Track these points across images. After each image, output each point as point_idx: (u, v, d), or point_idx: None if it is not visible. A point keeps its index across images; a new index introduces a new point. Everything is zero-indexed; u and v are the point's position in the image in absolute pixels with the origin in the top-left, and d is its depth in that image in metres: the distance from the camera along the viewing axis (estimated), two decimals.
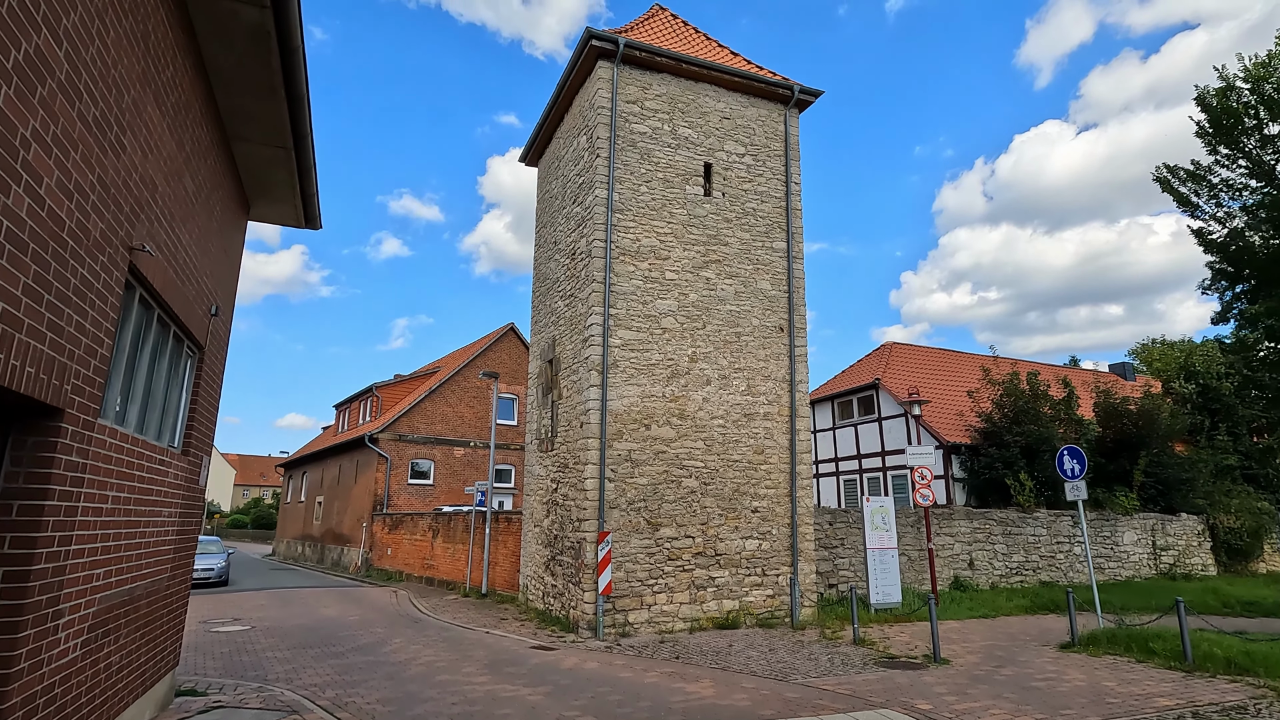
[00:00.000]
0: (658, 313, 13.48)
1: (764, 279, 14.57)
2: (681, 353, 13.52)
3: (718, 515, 13.23)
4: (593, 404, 12.62)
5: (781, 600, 13.42)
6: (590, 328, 12.97)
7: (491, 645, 11.18)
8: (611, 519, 12.37)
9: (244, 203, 8.35)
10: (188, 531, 7.11)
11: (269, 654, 10.42)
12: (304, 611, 15.49)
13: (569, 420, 13.76)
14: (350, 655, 10.31)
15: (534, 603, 14.85)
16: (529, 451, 16.48)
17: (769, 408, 14.10)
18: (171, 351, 6.31)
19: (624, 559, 12.35)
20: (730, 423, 13.68)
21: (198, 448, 7.18)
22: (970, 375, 26.15)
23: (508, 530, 17.40)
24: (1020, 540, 18.54)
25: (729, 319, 14.08)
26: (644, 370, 13.15)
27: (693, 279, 13.90)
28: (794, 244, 14.93)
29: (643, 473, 12.79)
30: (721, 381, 13.76)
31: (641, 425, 12.95)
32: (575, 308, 13.92)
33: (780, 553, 13.63)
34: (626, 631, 12.05)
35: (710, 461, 13.37)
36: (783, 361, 14.41)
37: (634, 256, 13.49)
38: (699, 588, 12.82)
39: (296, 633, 12.44)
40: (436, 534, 21.31)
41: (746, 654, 10.50)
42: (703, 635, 12.09)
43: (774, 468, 13.91)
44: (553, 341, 15.23)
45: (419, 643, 11.38)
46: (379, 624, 13.55)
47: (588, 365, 12.89)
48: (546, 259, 16.42)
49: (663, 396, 13.21)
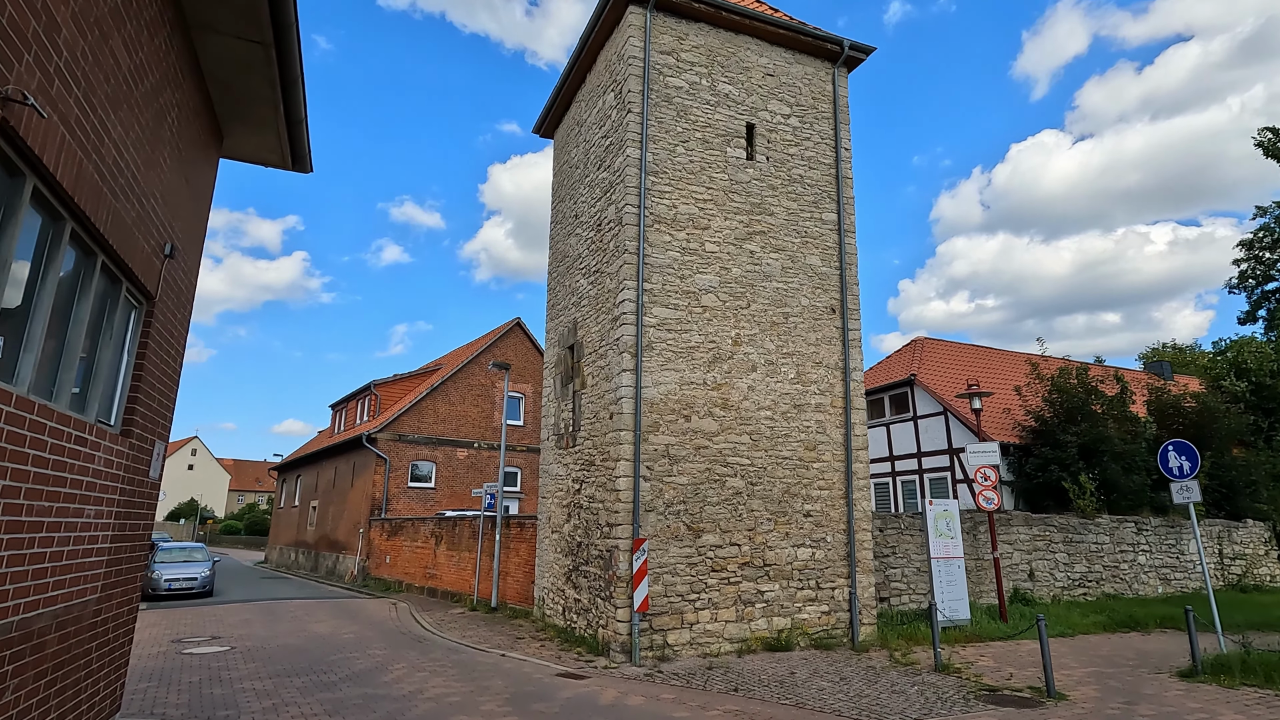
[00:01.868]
0: (697, 289, 11.85)
1: (813, 254, 12.96)
2: (724, 334, 11.89)
3: (766, 520, 11.57)
4: (625, 392, 10.97)
5: (838, 617, 11.75)
6: (621, 305, 11.33)
7: (510, 672, 9.49)
8: (647, 524, 10.71)
9: (214, 127, 6.72)
10: (131, 537, 5.44)
11: (247, 684, 8.73)
12: (293, 628, 13.78)
13: (595, 412, 12.11)
14: (344, 686, 8.62)
15: (552, 618, 13.15)
16: (545, 449, 14.82)
17: (821, 398, 12.46)
18: (101, 293, 4.67)
19: (661, 570, 10.68)
20: (779, 414, 12.04)
21: (146, 428, 5.52)
22: (1009, 372, 24.56)
23: (520, 537, 15.72)
24: (1082, 549, 16.89)
25: (775, 298, 12.45)
26: (682, 354, 11.51)
27: (735, 252, 12.29)
28: (845, 216, 13.33)
29: (682, 471, 11.13)
30: (768, 368, 12.13)
31: (680, 416, 11.30)
32: (602, 284, 12.29)
33: (836, 563, 11.96)
34: (666, 655, 10.37)
35: (757, 458, 11.72)
36: (835, 346, 12.78)
37: (670, 225, 11.87)
38: (746, 603, 11.14)
39: (282, 655, 10.74)
40: (440, 540, 19.60)
41: (815, 685, 8.83)
42: (753, 659, 10.41)
43: (827, 466, 12.26)
44: (574, 324, 13.59)
45: (425, 669, 9.69)
46: (377, 643, 11.85)
47: (619, 348, 11.25)
48: (565, 234, 14.81)
49: (703, 384, 11.57)
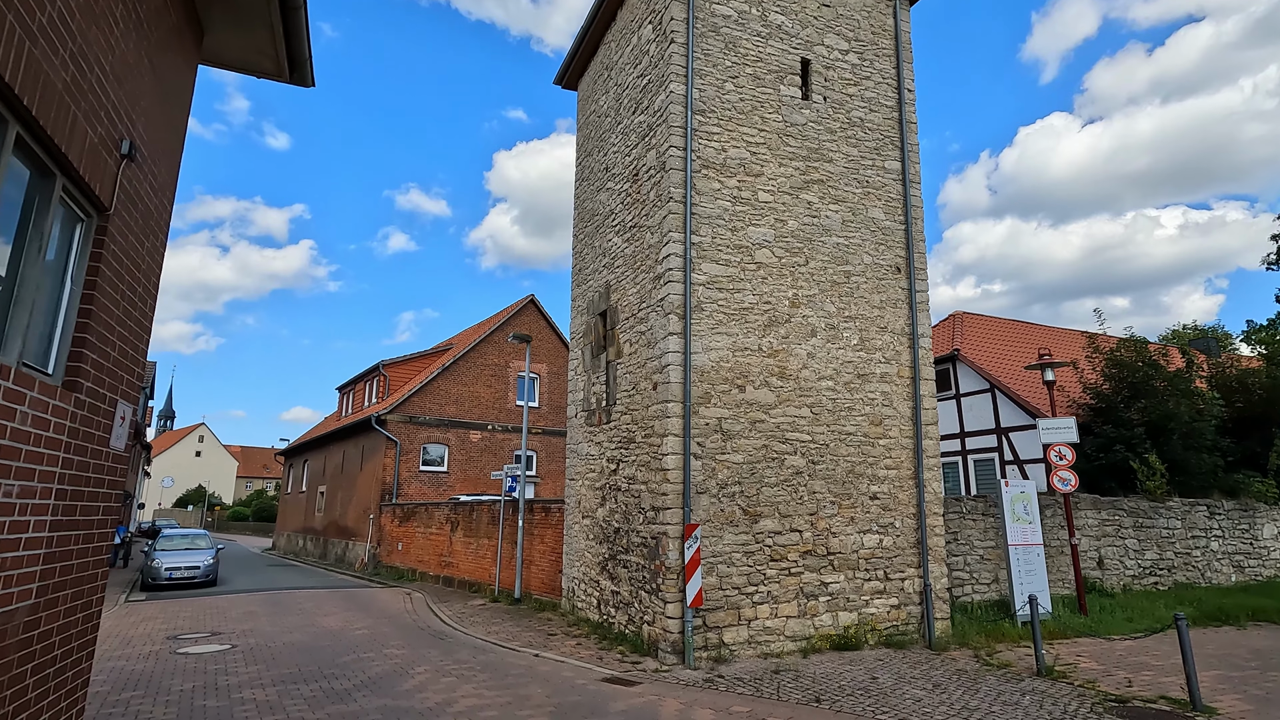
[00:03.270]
0: (750, 243, 10.49)
1: (875, 206, 11.57)
2: (780, 295, 10.54)
3: (829, 503, 10.28)
4: (672, 359, 9.66)
5: (909, 611, 10.48)
6: (666, 260, 9.99)
7: (549, 677, 8.27)
8: (699, 507, 9.44)
9: (190, 17, 5.38)
10: (85, 524, 4.18)
11: (246, 693, 7.52)
12: (300, 622, 12.61)
13: (634, 383, 10.81)
14: (359, 696, 7.41)
15: (584, 612, 11.94)
16: (573, 427, 13.54)
17: (886, 367, 11.12)
18: (22, 183, 3.36)
19: (715, 560, 9.42)
20: (841, 385, 10.71)
21: (101, 383, 4.24)
22: (1054, 348, 23.15)
23: (546, 522, 14.51)
24: (1153, 534, 15.57)
25: (836, 254, 11.08)
26: (735, 316, 10.18)
27: (791, 202, 10.91)
28: (910, 165, 11.91)
29: (737, 448, 9.84)
30: (829, 333, 10.78)
31: (734, 386, 9.99)
32: (641, 239, 10.94)
33: (905, 550, 10.68)
34: (722, 655, 9.14)
35: (818, 434, 10.41)
36: (901, 310, 11.42)
37: (719, 170, 10.49)
38: (809, 596, 9.89)
39: (288, 656, 9.55)
40: (456, 527, 18.43)
41: (908, 694, 7.58)
42: (821, 660, 9.17)
43: (894, 443, 10.94)
44: (606, 288, 12.26)
45: (450, 672, 8.48)
46: (394, 640, 10.66)
47: (663, 309, 9.92)
48: (593, 191, 13.43)
49: (758, 350, 10.24)
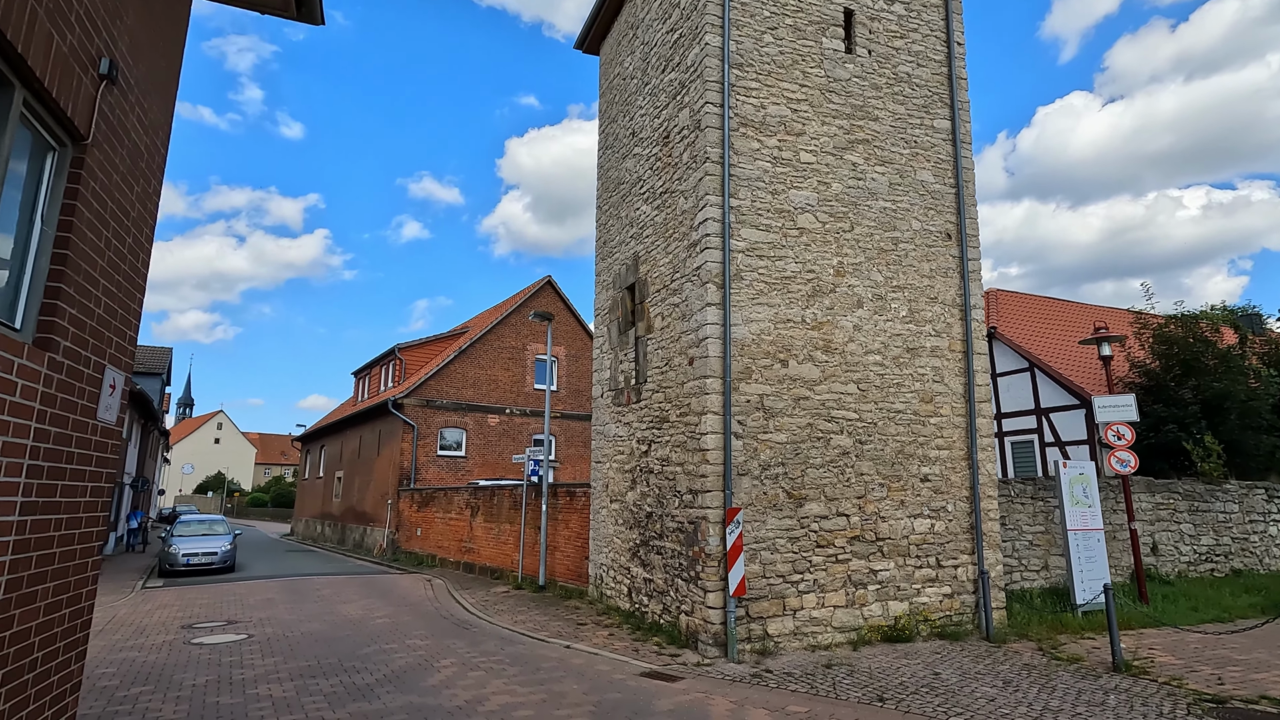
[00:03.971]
0: (792, 207, 9.76)
1: (924, 168, 10.78)
2: (824, 263, 9.82)
3: (878, 485, 9.61)
4: (710, 331, 8.98)
5: (962, 601, 9.82)
6: (703, 226, 9.29)
7: (583, 671, 7.71)
8: (740, 490, 8.80)
9: None
10: (68, 507, 3.60)
11: (262, 689, 7.02)
12: (319, 609, 12.17)
13: (667, 358, 10.16)
14: (382, 692, 6.88)
15: (614, 600, 11.39)
16: (599, 408, 12.93)
17: (937, 340, 10.38)
18: None
19: (758, 546, 8.80)
20: (889, 359, 10.00)
21: (83, 343, 3.65)
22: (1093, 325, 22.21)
23: (571, 507, 13.95)
24: (1209, 519, 14.78)
25: (882, 219, 10.33)
26: (777, 285, 9.48)
27: (835, 163, 10.15)
28: (960, 124, 11.09)
29: (780, 426, 9.18)
30: (876, 304, 10.06)
31: (776, 361, 9.31)
32: (674, 205, 10.24)
33: (958, 536, 10.00)
34: (767, 648, 8.53)
35: (865, 412, 9.72)
36: (952, 279, 10.66)
37: (758, 129, 9.74)
38: (857, 585, 9.25)
39: (306, 647, 9.07)
40: (476, 512, 17.95)
41: (977, 692, 6.94)
42: (872, 653, 8.55)
43: (946, 421, 10.23)
44: (634, 260, 11.58)
45: (478, 665, 7.94)
46: (417, 630, 10.16)
47: (700, 278, 9.24)
48: (619, 159, 12.72)
49: (801, 322, 9.54)
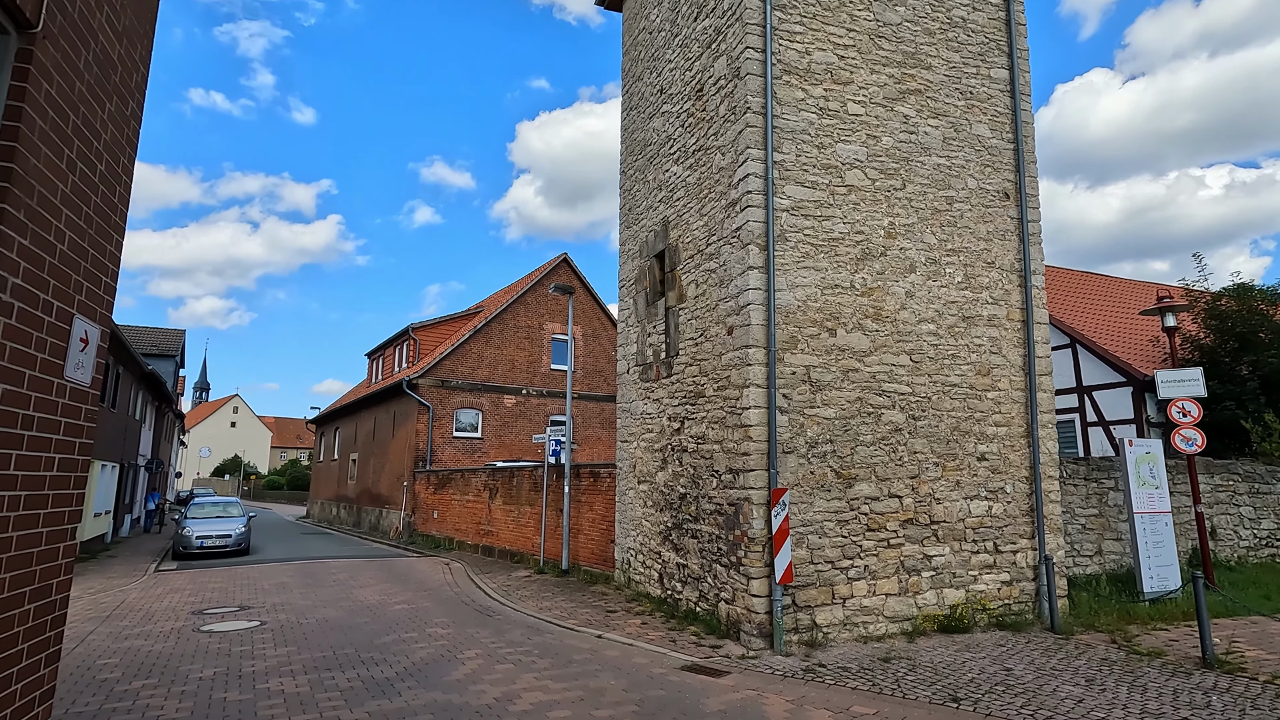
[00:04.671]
0: (839, 162, 8.96)
1: (980, 121, 9.92)
2: (874, 223, 9.03)
3: (932, 464, 8.90)
4: (752, 296, 8.25)
5: (1021, 588, 9.12)
6: (743, 183, 8.53)
7: (619, 665, 7.10)
8: (785, 469, 8.12)
9: None
10: (28, 483, 2.97)
11: (274, 683, 6.47)
12: (335, 595, 11.67)
13: (702, 329, 9.44)
14: (403, 688, 6.30)
15: (643, 585, 10.79)
16: (624, 384, 12.26)
17: (994, 308, 9.60)
18: None
19: (805, 529, 8.12)
20: (944, 329, 9.24)
21: (41, 285, 3.00)
22: (1136, 300, 21.28)
23: (594, 488, 13.35)
24: (1270, 501, 13.95)
25: (935, 177, 9.51)
26: (824, 248, 8.72)
27: (885, 115, 9.33)
28: (1019, 73, 10.20)
29: (827, 400, 8.46)
30: (930, 268, 9.28)
31: (823, 330, 8.57)
32: (708, 163, 9.47)
33: (1017, 519, 9.28)
34: (815, 639, 7.89)
35: (919, 385, 8.98)
36: (1010, 242, 9.84)
37: (803, 77, 8.93)
38: (911, 571, 8.57)
39: (321, 636, 8.53)
40: (495, 494, 17.41)
41: (1060, 692, 6.26)
42: (930, 645, 7.88)
43: (1004, 396, 9.47)
44: (663, 225, 10.83)
45: (505, 658, 7.35)
46: (437, 617, 9.62)
47: (740, 240, 8.50)
48: (645, 119, 11.93)
49: (850, 287, 8.79)
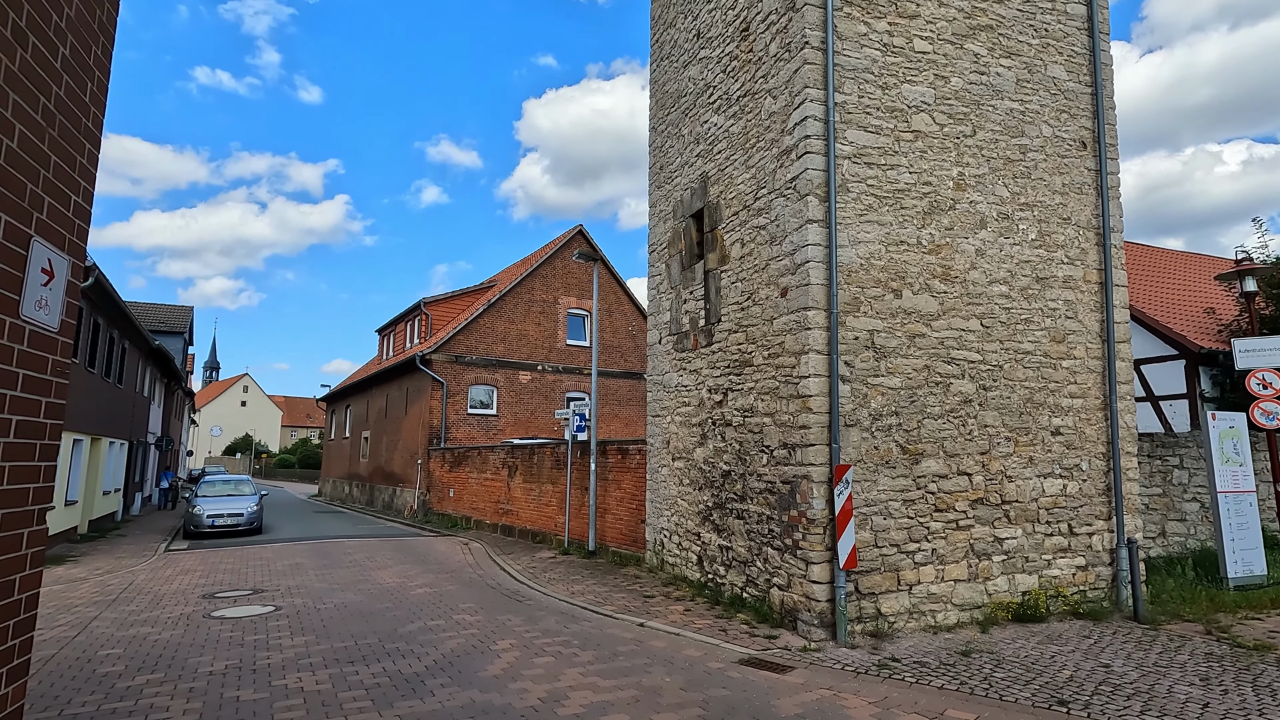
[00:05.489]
0: (905, 105, 8.09)
1: (1056, 62, 9.00)
2: (942, 174, 8.18)
3: (1003, 439, 8.13)
4: (811, 254, 7.44)
5: (1097, 574, 8.39)
6: (800, 128, 7.67)
7: (669, 657, 6.43)
8: (847, 444, 7.37)
9: None
10: None
11: (291, 679, 5.83)
12: (352, 577, 11.08)
13: (749, 291, 8.65)
14: (434, 684, 5.65)
15: (679, 568, 10.13)
16: (656, 355, 11.51)
17: (1070, 269, 8.75)
18: None
19: (869, 510, 7.39)
20: (1016, 291, 8.41)
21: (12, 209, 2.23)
22: (1187, 272, 20.26)
23: (622, 466, 12.66)
24: None
25: (1008, 123, 8.62)
26: (888, 200, 7.88)
27: (954, 54, 8.42)
28: (1097, 8, 9.25)
29: (892, 368, 7.68)
30: (1002, 224, 8.43)
31: (888, 291, 7.76)
32: (756, 109, 8.60)
33: (1093, 499, 8.52)
34: (880, 629, 7.19)
35: (990, 353, 8.18)
36: (1087, 197, 8.97)
37: (864, 8, 8.02)
38: (980, 555, 7.84)
39: (341, 623, 7.91)
40: (514, 472, 16.78)
41: (1177, 693, 5.54)
42: (1006, 636, 7.18)
43: (1079, 365, 8.67)
44: (701, 182, 9.99)
45: (542, 649, 6.69)
46: (464, 603, 8.99)
47: (797, 191, 7.67)
48: (678, 69, 11.02)
49: (917, 244, 7.96)
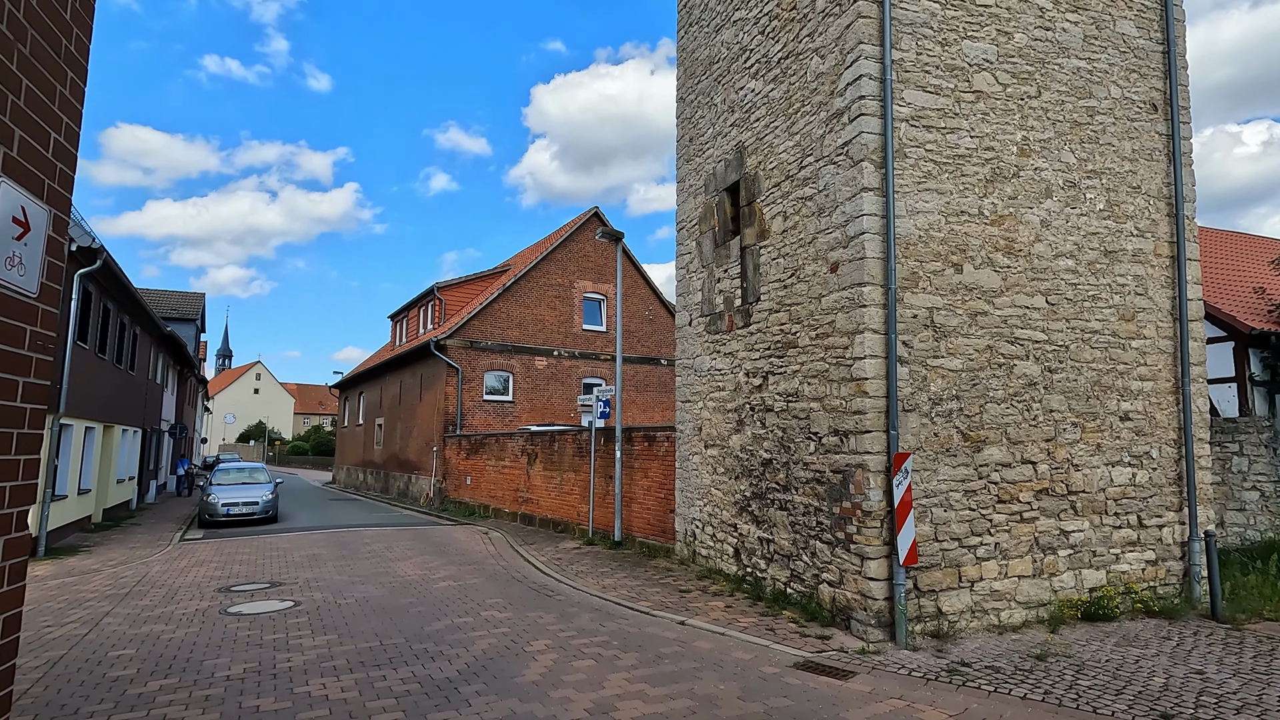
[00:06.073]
0: (965, 62, 7.46)
1: (1125, 17, 8.32)
2: (1005, 138, 7.56)
3: (1070, 425, 7.56)
4: (867, 224, 6.86)
5: (1168, 568, 7.85)
6: (853, 88, 7.07)
7: (719, 661, 5.96)
8: (906, 430, 6.83)
9: None
10: None
11: (314, 686, 5.39)
12: (372, 569, 10.68)
13: (792, 268, 8.08)
14: (469, 692, 5.20)
15: (712, 560, 9.66)
16: (686, 339, 10.97)
17: (1140, 242, 8.13)
18: None
19: (928, 501, 6.87)
20: (1083, 265, 7.81)
21: None
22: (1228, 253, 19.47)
23: (650, 454, 12.18)
24: None
25: (1074, 83, 7.97)
26: (948, 166, 7.27)
27: (1018, 7, 7.76)
28: None
29: (953, 349, 7.12)
30: (1068, 193, 7.81)
31: (948, 265, 7.18)
32: (801, 70, 7.99)
33: (1163, 488, 7.95)
34: (941, 629, 6.69)
35: (1055, 332, 7.60)
36: (1158, 164, 8.32)
37: None
38: (1045, 549, 7.31)
39: (363, 619, 7.49)
40: (534, 459, 16.35)
41: None
42: (1077, 636, 6.66)
43: (1149, 345, 8.07)
44: (737, 153, 9.40)
45: (583, 652, 6.23)
46: (489, 597, 8.56)
47: (850, 157, 7.08)
48: (709, 34, 10.39)
49: (979, 215, 7.36)
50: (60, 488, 13.43)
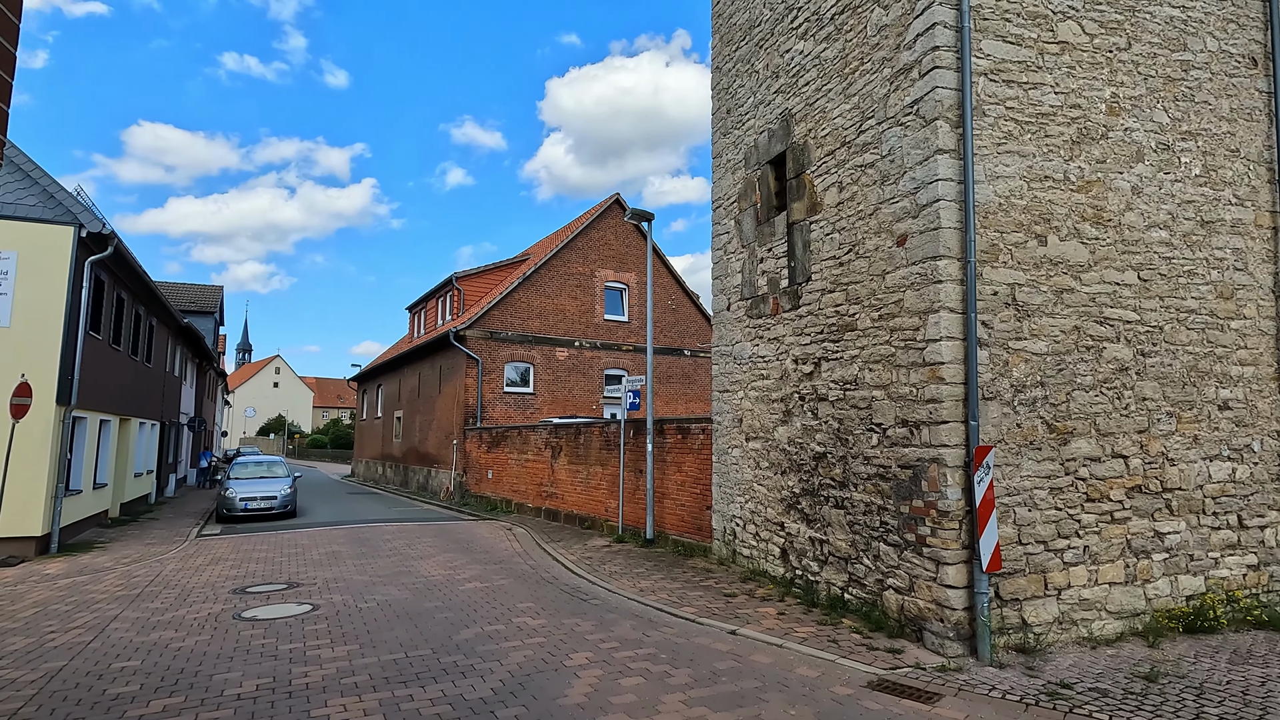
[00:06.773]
0: (1050, 9, 6.68)
1: None
2: (1093, 94, 6.78)
3: (1164, 414, 6.80)
4: (941, 190, 6.14)
5: (1271, 574, 7.08)
6: (923, 40, 6.33)
7: (782, 678, 5.30)
8: (987, 419, 6.11)
9: None
10: None
11: (334, 705, 4.81)
12: (394, 568, 10.14)
13: (850, 243, 7.36)
14: (506, 716, 4.59)
15: (755, 561, 9.00)
16: (723, 324, 10.28)
17: (1239, 211, 7.32)
18: None
19: (1011, 499, 6.15)
20: (1178, 237, 7.02)
21: None
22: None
23: (683, 447, 11.52)
24: None
25: (1168, 34, 7.16)
26: (1030, 126, 6.52)
27: None
28: None
29: (1037, 329, 6.38)
30: (1161, 156, 7.02)
31: (1031, 236, 6.44)
32: (860, 24, 7.24)
33: (1265, 485, 7.17)
34: (1026, 642, 5.98)
35: (1148, 312, 6.83)
36: (1258, 125, 7.50)
37: None
38: (1138, 553, 6.57)
39: (386, 625, 6.92)
40: (558, 452, 15.77)
41: None
42: (1181, 651, 5.93)
43: (1250, 326, 7.27)
44: (783, 121, 8.67)
45: (629, 667, 5.61)
46: (521, 601, 7.97)
47: (920, 118, 6.34)
48: None
49: (1064, 180, 6.60)
50: (74, 482, 13.05)
